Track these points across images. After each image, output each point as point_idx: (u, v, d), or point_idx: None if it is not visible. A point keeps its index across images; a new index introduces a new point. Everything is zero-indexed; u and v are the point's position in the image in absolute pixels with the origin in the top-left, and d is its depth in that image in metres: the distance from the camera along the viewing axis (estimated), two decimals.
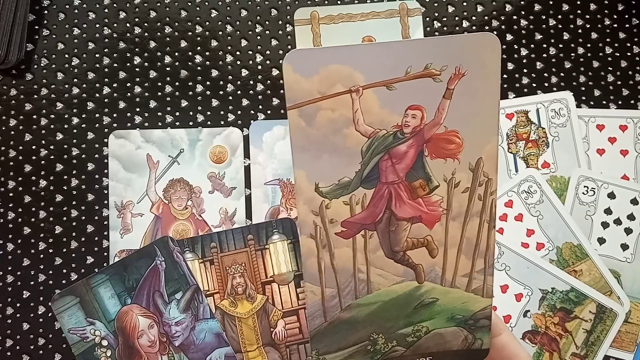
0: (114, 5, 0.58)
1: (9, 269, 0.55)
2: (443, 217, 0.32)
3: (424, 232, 0.33)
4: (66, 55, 0.57)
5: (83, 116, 0.57)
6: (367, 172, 0.31)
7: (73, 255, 0.55)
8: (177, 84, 0.57)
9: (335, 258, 0.32)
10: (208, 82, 0.57)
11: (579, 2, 0.58)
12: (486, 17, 0.58)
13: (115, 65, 0.57)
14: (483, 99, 0.31)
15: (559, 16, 0.58)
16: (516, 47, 0.58)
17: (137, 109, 0.57)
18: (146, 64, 0.57)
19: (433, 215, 0.32)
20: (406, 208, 0.32)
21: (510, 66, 0.58)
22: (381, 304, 0.33)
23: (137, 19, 0.58)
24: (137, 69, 0.57)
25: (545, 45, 0.58)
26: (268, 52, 0.58)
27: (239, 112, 0.57)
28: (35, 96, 0.57)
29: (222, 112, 0.57)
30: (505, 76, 0.57)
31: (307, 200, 0.31)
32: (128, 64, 0.57)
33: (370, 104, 0.30)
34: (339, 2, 0.58)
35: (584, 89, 0.57)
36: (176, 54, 0.57)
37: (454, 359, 0.34)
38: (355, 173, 0.31)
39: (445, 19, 0.58)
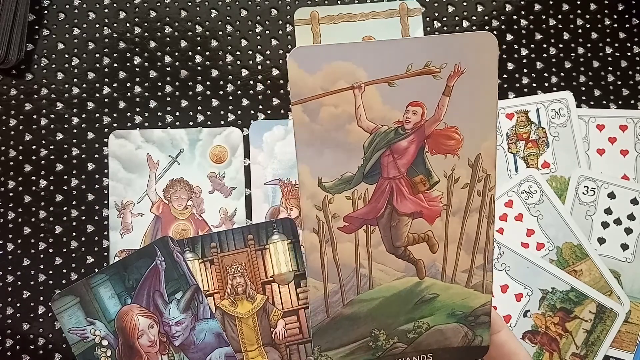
0: (114, 5, 0.58)
1: (9, 269, 0.55)
2: (443, 213, 0.33)
3: (424, 227, 0.33)
4: (66, 55, 0.57)
5: (83, 116, 0.57)
6: (369, 167, 0.32)
7: (73, 255, 0.55)
8: (177, 84, 0.57)
9: (338, 253, 0.33)
10: (208, 82, 0.57)
11: (579, 2, 0.58)
12: (486, 17, 0.58)
13: (115, 65, 0.57)
14: (481, 97, 0.31)
15: (559, 16, 0.58)
16: (516, 47, 0.58)
17: (137, 109, 0.57)
18: (146, 64, 0.57)
19: (433, 210, 0.33)
20: (407, 203, 0.32)
21: (510, 66, 0.58)
22: (382, 299, 0.33)
23: (137, 19, 0.58)
24: (137, 69, 0.57)
25: (545, 45, 0.58)
26: (268, 52, 0.58)
27: (239, 112, 0.57)
28: (35, 96, 0.57)
29: (222, 112, 0.57)
30: (505, 76, 0.57)
31: (310, 195, 0.32)
32: (128, 64, 0.57)
33: (372, 100, 0.31)
34: (339, 2, 0.58)
35: (584, 89, 0.57)
36: (176, 54, 0.57)
37: (454, 355, 0.35)
38: (358, 168, 0.32)
39: (445, 19, 0.58)
